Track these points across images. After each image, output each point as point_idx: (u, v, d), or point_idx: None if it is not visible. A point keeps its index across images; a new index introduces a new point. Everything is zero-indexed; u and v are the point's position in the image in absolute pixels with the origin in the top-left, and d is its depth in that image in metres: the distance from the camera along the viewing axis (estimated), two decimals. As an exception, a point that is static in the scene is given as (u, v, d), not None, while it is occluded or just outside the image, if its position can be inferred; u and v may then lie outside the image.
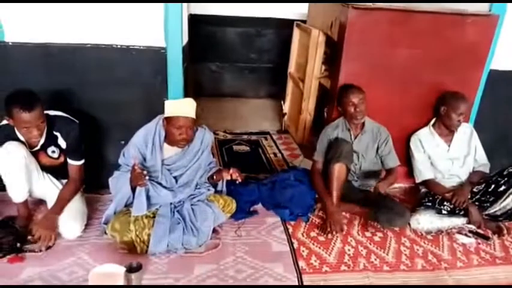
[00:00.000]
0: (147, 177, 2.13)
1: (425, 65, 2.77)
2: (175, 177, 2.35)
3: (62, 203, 2.23)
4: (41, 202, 2.46)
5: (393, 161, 2.67)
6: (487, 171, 2.74)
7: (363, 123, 2.63)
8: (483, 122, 3.02)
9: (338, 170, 2.49)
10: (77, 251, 2.17)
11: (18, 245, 2.10)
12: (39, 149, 2.22)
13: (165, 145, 2.29)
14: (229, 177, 2.39)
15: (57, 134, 2.21)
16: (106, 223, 2.24)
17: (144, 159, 2.27)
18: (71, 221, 2.24)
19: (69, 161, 2.30)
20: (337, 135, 2.63)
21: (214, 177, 2.47)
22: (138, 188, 2.17)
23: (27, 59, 2.39)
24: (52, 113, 2.23)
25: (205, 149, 2.40)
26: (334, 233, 2.43)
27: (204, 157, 2.40)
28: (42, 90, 2.39)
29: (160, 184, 2.28)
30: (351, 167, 2.65)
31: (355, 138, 2.64)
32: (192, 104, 2.21)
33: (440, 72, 2.79)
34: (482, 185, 2.58)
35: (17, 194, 2.19)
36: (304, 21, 4.04)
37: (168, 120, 2.19)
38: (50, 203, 2.30)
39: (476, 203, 2.54)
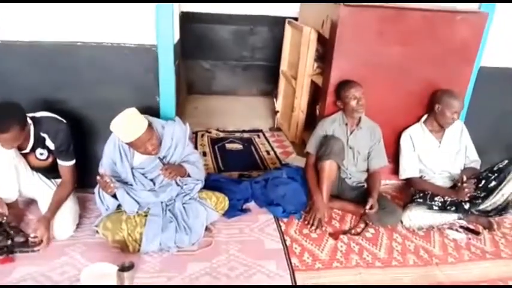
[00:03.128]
0: (112, 185, 2.06)
1: (416, 62, 2.78)
2: (151, 180, 2.30)
3: (55, 205, 2.21)
4: (32, 202, 2.44)
5: (382, 160, 2.69)
6: (478, 167, 2.77)
7: (359, 119, 2.65)
8: (473, 118, 3.04)
9: (328, 167, 2.49)
10: (69, 251, 2.16)
11: (9, 242, 2.09)
12: (29, 151, 2.20)
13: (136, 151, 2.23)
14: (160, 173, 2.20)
15: (45, 135, 2.18)
16: (97, 225, 2.22)
17: (116, 165, 2.24)
18: (63, 221, 2.23)
19: (60, 162, 2.27)
20: (334, 129, 2.64)
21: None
22: (117, 194, 2.15)
23: (17, 57, 2.37)
24: (39, 114, 2.20)
25: (179, 143, 2.30)
26: (312, 227, 2.46)
27: (178, 152, 2.31)
28: (32, 89, 2.39)
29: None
30: (345, 163, 2.67)
31: (351, 133, 2.65)
32: (135, 118, 2.06)
33: (431, 69, 2.81)
34: (473, 181, 2.60)
35: (6, 193, 2.17)
36: (296, 19, 4.04)
37: (126, 143, 2.12)
38: (41, 203, 2.29)
39: (468, 199, 2.56)
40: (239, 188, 2.74)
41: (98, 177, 2.08)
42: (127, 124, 2.05)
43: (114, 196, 2.17)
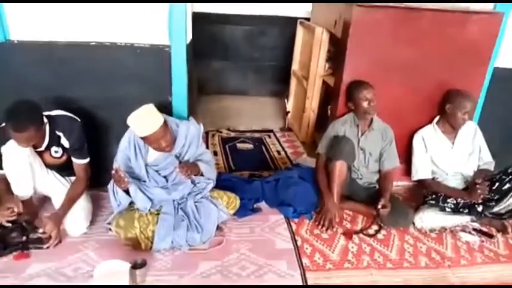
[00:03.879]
0: (125, 179, 2.09)
1: (429, 63, 2.76)
2: (165, 177, 2.32)
3: (69, 203, 2.24)
4: (46, 199, 2.47)
5: (394, 161, 2.68)
6: (492, 169, 2.73)
7: (371, 121, 2.64)
8: (487, 119, 3.01)
9: (339, 168, 2.49)
10: (82, 248, 2.19)
11: (24, 239, 2.12)
12: (44, 149, 2.23)
13: (150, 148, 2.25)
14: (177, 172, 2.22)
15: (60, 133, 2.22)
16: (110, 223, 2.25)
17: (131, 161, 2.26)
18: (76, 218, 2.26)
19: (75, 160, 2.31)
20: (345, 130, 2.63)
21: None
22: (130, 190, 2.17)
23: (32, 57, 2.41)
24: (54, 113, 2.24)
25: (193, 142, 2.33)
26: (323, 228, 2.45)
27: (191, 151, 2.34)
28: (46, 88, 2.42)
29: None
30: (356, 164, 2.66)
31: (362, 134, 2.64)
32: (152, 114, 2.09)
33: (444, 69, 2.78)
34: (487, 183, 2.57)
35: (21, 191, 2.20)
36: (308, 19, 4.03)
37: (141, 138, 2.16)
38: (55, 200, 2.32)
39: (481, 201, 2.53)
40: (250, 187, 2.75)
41: (113, 172, 2.11)
42: (143, 119, 2.08)
43: (127, 192, 2.19)
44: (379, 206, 2.41)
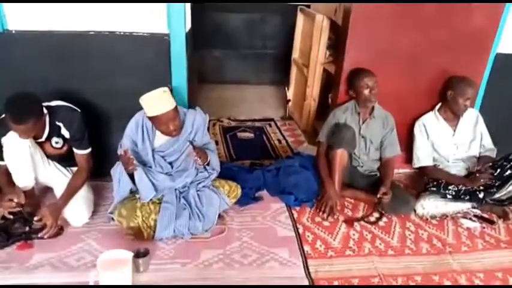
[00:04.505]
0: (134, 162, 2.12)
1: (430, 50, 2.74)
2: (170, 163, 2.34)
3: (69, 193, 2.24)
4: (48, 190, 2.48)
5: (395, 149, 2.67)
6: (494, 156, 2.73)
7: (372, 108, 2.62)
8: (489, 106, 2.99)
9: (340, 155, 2.49)
10: (85, 237, 2.20)
11: (27, 229, 2.14)
12: (44, 140, 2.23)
13: (157, 132, 2.27)
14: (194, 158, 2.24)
15: (60, 124, 2.21)
16: (112, 213, 2.26)
17: (137, 146, 2.27)
18: (78, 209, 2.27)
19: (76, 150, 2.30)
20: (346, 118, 2.62)
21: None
22: (135, 174, 2.18)
23: (29, 47, 2.39)
24: (54, 103, 2.23)
25: (198, 131, 2.35)
26: (324, 215, 2.46)
27: (198, 139, 2.35)
28: (44, 79, 2.41)
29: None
30: (357, 152, 2.65)
31: (364, 122, 2.63)
32: (166, 96, 2.13)
33: (446, 57, 2.76)
34: (490, 171, 2.56)
35: (23, 182, 2.21)
36: (308, 6, 3.99)
37: (150, 118, 2.16)
38: (57, 190, 2.32)
39: (482, 188, 2.53)
40: (251, 176, 2.75)
41: (121, 153, 2.13)
42: (157, 99, 2.11)
43: (131, 177, 2.20)
44: (380, 194, 2.42)
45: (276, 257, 2.14)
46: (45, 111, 2.13)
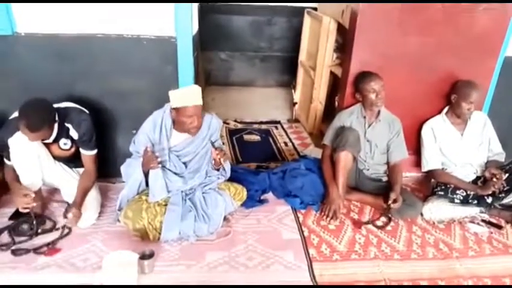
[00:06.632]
0: (158, 159, 2.16)
1: (438, 53, 2.72)
2: (184, 163, 2.36)
3: (82, 193, 2.27)
4: (54, 192, 2.50)
5: (402, 153, 2.65)
6: (502, 160, 2.70)
7: (378, 112, 2.61)
8: (497, 110, 2.96)
9: (344, 158, 2.48)
10: (91, 238, 2.21)
11: (39, 230, 2.17)
12: (52, 142, 2.25)
13: (174, 132, 2.30)
14: (214, 157, 2.31)
15: (69, 125, 2.23)
16: (120, 209, 2.27)
17: (153, 145, 2.28)
18: (85, 210, 2.28)
19: (83, 151, 2.32)
20: (352, 121, 2.62)
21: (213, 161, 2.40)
22: (151, 172, 2.20)
23: (38, 49, 2.41)
24: (63, 105, 2.25)
25: (213, 135, 2.39)
26: (327, 219, 2.45)
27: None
28: (52, 80, 2.43)
29: (170, 170, 2.30)
30: (363, 155, 2.64)
31: (369, 126, 2.62)
32: (198, 91, 2.19)
33: (453, 60, 2.74)
34: (504, 176, 2.54)
35: (30, 182, 2.23)
36: (315, 9, 3.99)
37: (177, 110, 2.18)
38: (64, 191, 2.35)
39: (491, 193, 2.50)
40: (257, 179, 2.75)
41: (146, 150, 2.16)
42: (189, 92, 2.16)
43: (146, 175, 2.23)
44: (390, 201, 2.39)
45: (281, 260, 2.13)
46: (56, 117, 2.15)
